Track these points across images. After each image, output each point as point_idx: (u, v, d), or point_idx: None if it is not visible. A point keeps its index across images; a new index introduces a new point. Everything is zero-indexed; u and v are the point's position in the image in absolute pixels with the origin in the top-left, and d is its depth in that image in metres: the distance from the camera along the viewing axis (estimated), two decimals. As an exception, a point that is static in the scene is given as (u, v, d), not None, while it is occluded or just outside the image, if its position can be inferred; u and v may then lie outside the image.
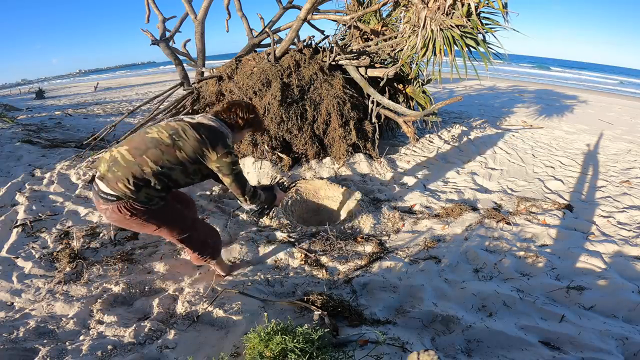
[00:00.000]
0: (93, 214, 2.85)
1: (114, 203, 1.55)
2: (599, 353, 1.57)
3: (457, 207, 3.00)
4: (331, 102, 3.82)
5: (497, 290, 1.97)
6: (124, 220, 1.60)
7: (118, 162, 1.54)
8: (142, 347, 1.61)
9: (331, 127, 3.86)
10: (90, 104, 9.75)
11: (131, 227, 1.68)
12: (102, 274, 2.17)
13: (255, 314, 1.80)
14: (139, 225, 1.66)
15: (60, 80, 41.19)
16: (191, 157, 1.60)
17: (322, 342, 1.31)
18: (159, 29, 4.61)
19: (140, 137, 1.61)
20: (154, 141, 1.57)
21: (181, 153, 1.58)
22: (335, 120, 3.82)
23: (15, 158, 3.99)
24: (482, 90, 10.92)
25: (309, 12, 3.85)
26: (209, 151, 1.61)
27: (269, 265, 2.32)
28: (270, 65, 3.91)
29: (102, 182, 1.56)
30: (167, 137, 1.57)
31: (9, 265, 2.24)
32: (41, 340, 1.63)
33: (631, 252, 2.38)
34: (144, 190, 1.57)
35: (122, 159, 1.55)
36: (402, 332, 1.69)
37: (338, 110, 3.82)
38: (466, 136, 5.20)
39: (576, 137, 5.56)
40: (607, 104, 9.67)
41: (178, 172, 1.61)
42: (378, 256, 2.37)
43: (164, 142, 1.56)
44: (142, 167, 1.53)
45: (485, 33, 3.33)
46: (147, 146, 1.56)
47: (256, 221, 2.71)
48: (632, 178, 3.78)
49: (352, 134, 3.86)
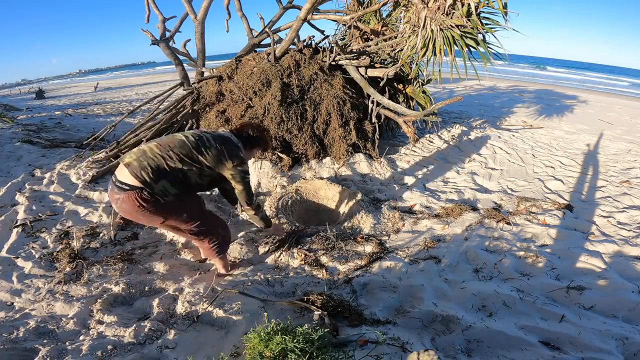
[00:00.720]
0: (93, 214, 2.85)
1: (127, 192, 1.65)
2: (599, 353, 1.57)
3: (457, 207, 3.00)
4: (331, 102, 3.82)
5: (497, 290, 1.97)
6: (133, 209, 1.70)
7: (146, 153, 1.71)
8: (142, 347, 1.61)
9: (331, 127, 3.86)
10: (90, 104, 9.75)
11: (138, 218, 1.78)
12: (102, 274, 2.17)
13: (255, 314, 1.80)
14: (146, 217, 1.75)
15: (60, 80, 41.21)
16: (210, 163, 1.80)
17: (322, 342, 1.31)
18: (159, 29, 4.62)
19: (169, 137, 1.82)
20: (182, 142, 1.77)
21: (202, 157, 1.78)
22: (335, 120, 3.82)
23: (15, 158, 3.99)
24: (482, 90, 10.93)
25: (309, 12, 3.85)
26: (226, 160, 1.83)
27: (269, 265, 2.32)
28: (270, 65, 3.91)
29: (125, 170, 1.67)
30: (193, 141, 1.78)
31: (9, 265, 2.24)
32: (41, 340, 1.63)
33: (631, 252, 2.38)
34: (162, 183, 1.70)
35: (151, 151, 1.72)
36: (402, 332, 1.69)
37: (338, 110, 3.82)
38: (466, 136, 5.20)
39: (576, 137, 5.56)
40: (607, 104, 9.67)
41: (194, 172, 1.79)
42: (378, 256, 2.37)
43: (190, 145, 1.77)
44: (167, 161, 1.71)
45: (485, 33, 3.33)
46: (175, 145, 1.76)
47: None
48: (632, 178, 3.78)
49: (352, 134, 3.86)
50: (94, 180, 3.37)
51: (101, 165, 3.67)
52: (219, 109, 3.96)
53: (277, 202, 3.04)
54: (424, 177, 3.82)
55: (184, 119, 4.08)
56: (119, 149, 3.86)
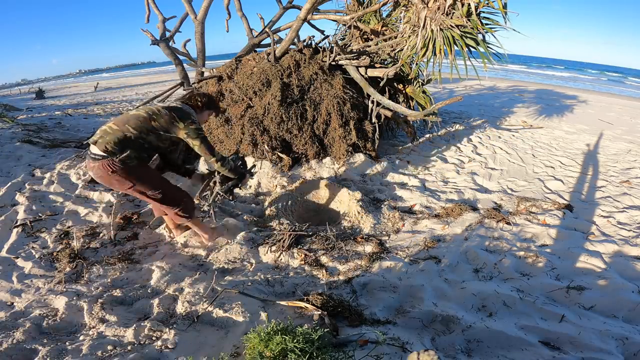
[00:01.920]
0: (93, 214, 2.85)
1: (99, 161, 1.97)
2: (599, 353, 1.57)
3: (457, 207, 3.00)
4: (331, 102, 3.82)
5: (497, 290, 1.97)
6: (106, 176, 2.00)
7: (107, 131, 2.01)
8: (142, 347, 1.61)
9: (331, 127, 3.86)
10: (90, 104, 9.75)
11: (111, 183, 2.06)
12: (102, 274, 2.17)
13: (255, 314, 1.80)
14: (118, 181, 2.05)
15: (60, 80, 41.18)
16: (164, 127, 2.07)
17: (322, 342, 1.31)
18: (159, 29, 4.62)
19: (123, 115, 2.12)
20: (134, 115, 2.06)
21: (156, 123, 2.05)
22: (335, 120, 3.82)
23: (15, 158, 3.99)
24: (482, 90, 10.93)
25: (309, 12, 3.85)
26: (177, 122, 2.07)
27: (269, 265, 2.32)
28: (270, 65, 3.91)
29: (94, 147, 1.99)
30: (144, 112, 2.06)
31: (9, 265, 2.24)
32: (41, 340, 1.63)
33: (631, 252, 2.38)
34: (126, 151, 1.99)
35: (110, 129, 2.01)
36: (402, 332, 1.69)
37: (338, 110, 3.82)
38: (466, 136, 5.20)
39: (576, 137, 5.57)
40: (607, 104, 9.67)
41: (153, 137, 2.07)
42: (378, 256, 2.37)
43: (142, 116, 2.04)
44: (125, 133, 2.00)
45: (485, 33, 3.33)
46: (129, 119, 2.04)
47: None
48: (632, 178, 3.78)
49: (352, 134, 3.86)
50: (93, 180, 3.36)
51: (101, 165, 3.67)
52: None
53: (277, 202, 3.04)
54: (424, 177, 3.82)
55: (184, 119, 4.08)
56: (119, 149, 3.86)
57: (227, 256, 2.37)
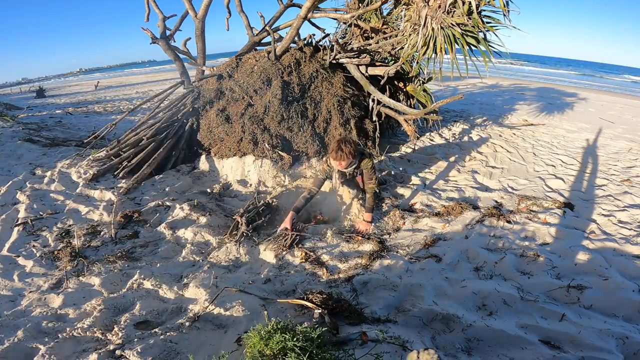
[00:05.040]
0: (94, 212, 2.86)
1: None
2: (599, 352, 1.57)
3: (458, 206, 3.00)
4: (332, 101, 3.81)
5: (498, 289, 1.97)
6: None
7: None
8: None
9: (332, 126, 3.85)
10: (90, 103, 9.75)
11: None
12: (102, 273, 2.18)
13: (256, 312, 1.80)
14: None
15: (61, 79, 41.15)
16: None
17: (322, 341, 1.31)
18: (159, 27, 4.60)
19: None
20: None
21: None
22: (335, 118, 3.82)
23: (16, 157, 3.99)
24: (484, 88, 10.89)
25: (310, 10, 3.84)
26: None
27: (269, 264, 2.32)
28: (271, 63, 3.90)
29: None
30: None
31: (10, 264, 2.25)
32: (42, 339, 1.64)
33: (632, 251, 2.38)
34: None
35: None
36: (402, 330, 1.69)
37: (338, 108, 3.81)
38: (467, 134, 5.19)
39: (577, 135, 5.55)
40: (609, 103, 9.63)
41: None
42: (378, 254, 2.37)
43: None
44: None
45: (486, 31, 3.31)
46: None
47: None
48: (633, 177, 3.77)
49: (352, 132, 3.85)
50: (94, 178, 3.37)
51: (102, 163, 3.68)
52: (219, 107, 3.96)
53: (278, 200, 3.04)
54: (424, 175, 3.81)
55: (184, 117, 4.08)
56: (119, 148, 3.86)
57: (227, 255, 2.38)
